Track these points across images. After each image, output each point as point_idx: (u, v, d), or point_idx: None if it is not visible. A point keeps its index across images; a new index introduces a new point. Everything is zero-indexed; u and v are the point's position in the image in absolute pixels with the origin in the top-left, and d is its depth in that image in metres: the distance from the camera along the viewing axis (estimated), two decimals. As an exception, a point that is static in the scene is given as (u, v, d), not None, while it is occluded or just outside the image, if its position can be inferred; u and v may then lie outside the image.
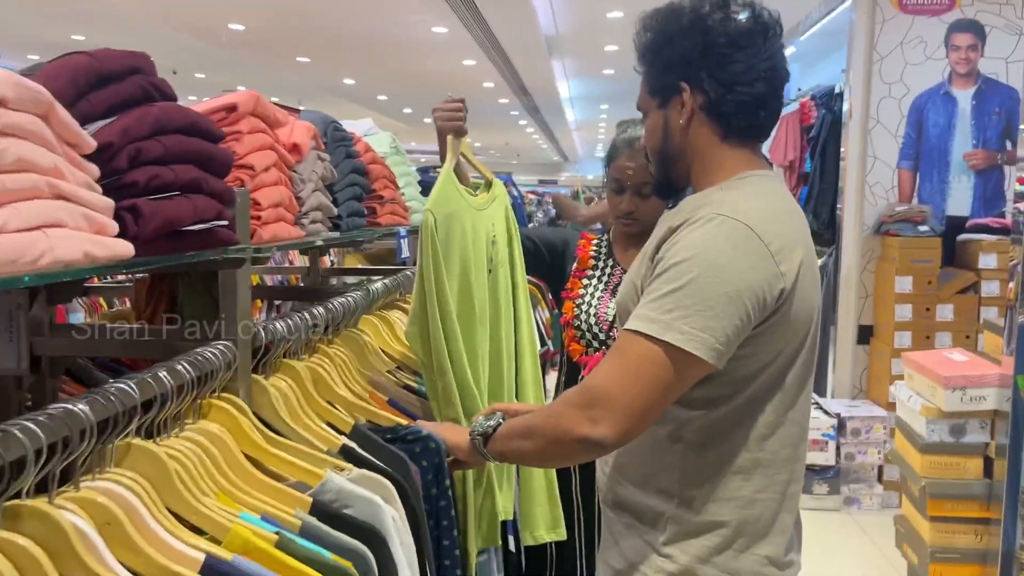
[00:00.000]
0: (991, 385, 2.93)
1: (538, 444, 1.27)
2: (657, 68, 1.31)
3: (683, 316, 1.13)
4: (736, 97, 1.25)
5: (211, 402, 1.15)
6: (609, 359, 1.19)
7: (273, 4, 5.73)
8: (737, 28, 1.25)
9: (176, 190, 1.00)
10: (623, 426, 1.14)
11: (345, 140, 1.92)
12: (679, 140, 1.31)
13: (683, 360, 1.14)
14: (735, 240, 1.16)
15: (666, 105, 1.31)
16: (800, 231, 1.25)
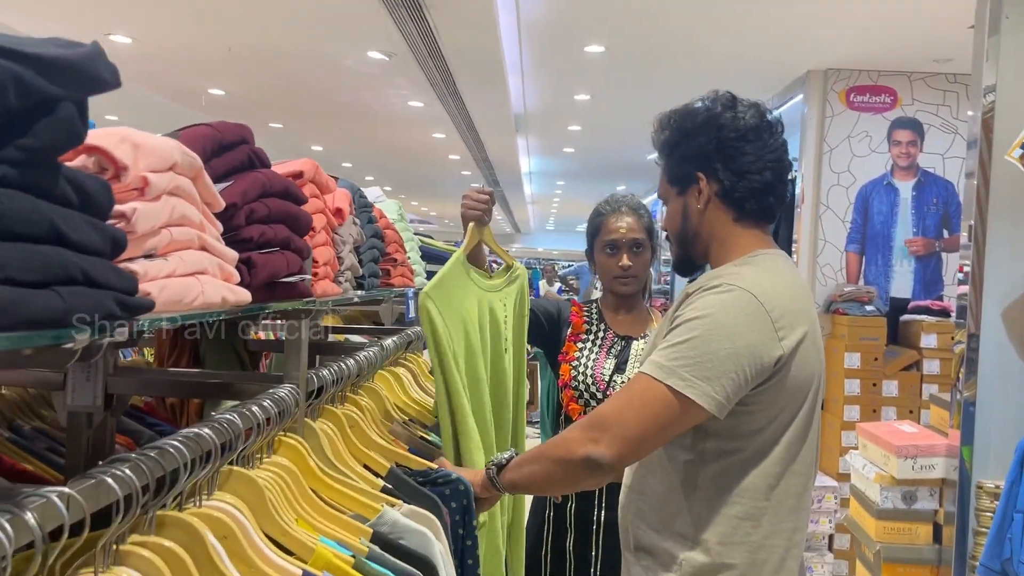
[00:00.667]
0: (939, 455, 3.14)
1: (545, 466, 1.43)
2: (676, 160, 1.51)
3: (686, 365, 1.30)
4: (747, 184, 1.44)
5: (281, 439, 1.26)
6: (618, 394, 1.38)
7: (258, 72, 5.91)
8: (746, 125, 1.45)
9: (276, 246, 1.13)
10: (619, 448, 1.31)
11: (367, 207, 2.07)
12: (697, 223, 1.50)
13: (682, 403, 1.30)
14: (741, 306, 1.34)
15: (685, 192, 1.51)
16: (804, 304, 1.43)
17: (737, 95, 1.50)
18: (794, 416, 1.40)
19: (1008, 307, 2.70)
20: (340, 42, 5.03)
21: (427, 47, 4.79)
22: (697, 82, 5.91)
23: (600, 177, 11.92)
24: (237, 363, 1.99)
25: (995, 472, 2.71)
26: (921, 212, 5.12)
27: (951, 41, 4.44)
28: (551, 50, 5.16)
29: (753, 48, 4.92)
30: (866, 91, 5.12)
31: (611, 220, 2.17)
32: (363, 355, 1.78)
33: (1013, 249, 2.67)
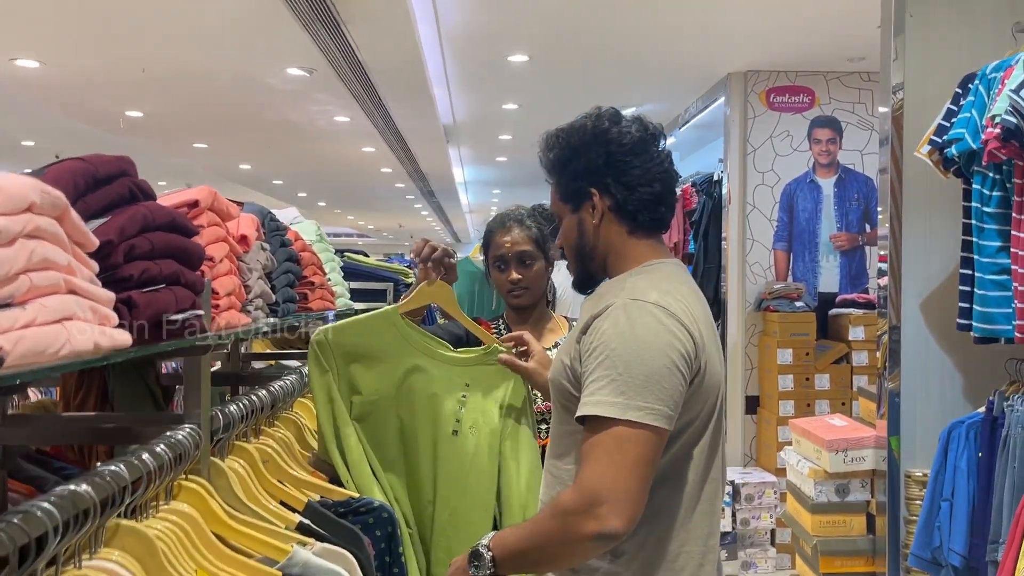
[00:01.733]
0: (869, 447, 3.21)
1: (550, 558, 1.34)
2: (567, 178, 1.51)
3: (636, 395, 1.28)
4: (639, 197, 1.46)
5: (181, 483, 1.20)
6: (591, 457, 1.28)
7: (177, 93, 5.76)
8: (632, 138, 1.46)
9: (161, 282, 1.08)
10: (630, 512, 1.25)
11: (280, 230, 2.02)
12: (593, 238, 1.51)
13: (649, 433, 1.28)
14: (654, 317, 1.34)
15: (579, 209, 1.51)
16: (701, 309, 1.44)
17: (620, 110, 1.51)
18: (708, 422, 1.41)
19: (925, 298, 2.77)
20: (258, 60, 4.94)
21: (347, 62, 4.73)
22: (622, 88, 6.01)
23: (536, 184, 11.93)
24: (149, 398, 1.91)
25: (923, 461, 2.77)
26: (843, 208, 5.24)
27: (863, 40, 4.56)
28: (475, 61, 5.15)
29: (674, 53, 4.98)
30: (785, 91, 5.23)
31: (497, 236, 2.20)
32: (278, 385, 1.73)
33: (927, 242, 2.74)
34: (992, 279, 2.34)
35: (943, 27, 2.72)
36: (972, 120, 2.34)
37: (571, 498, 1.28)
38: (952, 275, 2.69)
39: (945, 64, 2.69)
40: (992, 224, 2.34)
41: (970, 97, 2.39)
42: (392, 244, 31.37)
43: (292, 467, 1.57)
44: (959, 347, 2.72)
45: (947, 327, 2.69)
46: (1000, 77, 2.30)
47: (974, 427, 2.48)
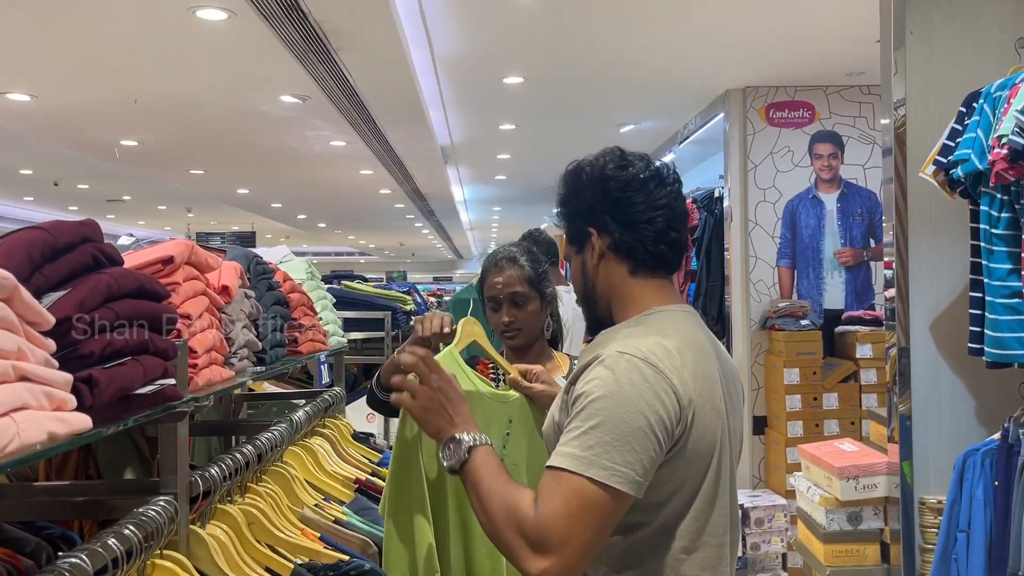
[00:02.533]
0: (881, 473, 3.12)
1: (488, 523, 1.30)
2: (568, 219, 1.48)
3: (604, 452, 1.22)
4: (637, 235, 1.41)
5: (155, 562, 1.13)
6: (552, 498, 1.23)
7: (171, 121, 5.73)
8: (629, 176, 1.42)
9: (127, 355, 1.01)
10: (569, 563, 1.21)
11: (267, 273, 1.96)
12: (594, 279, 1.46)
13: (611, 495, 1.21)
14: (640, 377, 1.26)
15: (582, 251, 1.47)
16: (703, 367, 1.35)
17: (626, 149, 1.47)
18: (698, 486, 1.33)
19: (935, 319, 2.70)
20: (251, 89, 4.90)
21: (341, 89, 4.69)
22: (619, 106, 5.97)
23: (536, 201, 11.92)
24: (135, 453, 1.84)
25: (936, 487, 2.70)
26: (847, 223, 5.17)
27: (861, 55, 4.51)
28: (470, 83, 5.11)
29: (670, 71, 4.93)
30: (784, 107, 5.17)
31: (490, 277, 2.14)
32: (266, 437, 1.66)
33: (935, 261, 2.67)
34: (1003, 303, 2.28)
35: (944, 42, 2.67)
36: (978, 140, 2.28)
37: (529, 524, 1.23)
38: (962, 295, 2.63)
39: (947, 79, 2.64)
40: (1002, 246, 2.27)
41: (975, 116, 2.33)
42: (394, 262, 31.39)
43: (279, 528, 1.50)
44: (971, 369, 2.65)
45: (958, 349, 2.62)
46: (1006, 96, 2.24)
47: (990, 455, 2.41)
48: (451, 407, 1.40)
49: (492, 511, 1.27)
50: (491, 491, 1.29)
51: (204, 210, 12.76)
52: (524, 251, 2.15)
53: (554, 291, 2.17)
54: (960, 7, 2.66)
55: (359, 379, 4.17)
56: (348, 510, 1.82)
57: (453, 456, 1.34)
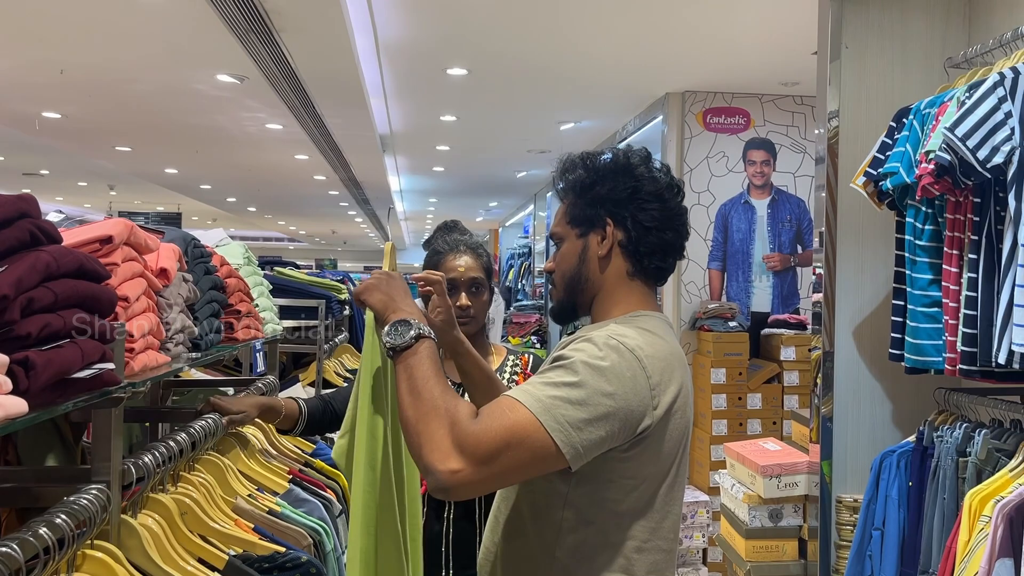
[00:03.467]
0: (802, 472, 3.23)
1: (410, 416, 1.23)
2: (586, 201, 1.45)
3: (565, 409, 1.21)
4: (652, 240, 1.41)
5: (85, 552, 1.09)
6: (495, 416, 1.21)
7: (98, 95, 5.50)
8: (659, 181, 1.43)
9: (65, 337, 0.98)
10: (476, 479, 1.17)
11: (204, 257, 1.91)
12: (593, 269, 1.44)
13: (547, 448, 1.20)
14: (625, 365, 1.27)
15: (586, 235, 1.45)
16: (680, 372, 1.37)
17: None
18: (657, 488, 1.35)
19: (858, 325, 2.80)
20: (186, 65, 4.75)
21: (281, 70, 4.58)
22: (561, 104, 6.00)
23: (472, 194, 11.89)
24: (57, 439, 1.77)
25: (853, 486, 2.80)
26: (776, 229, 5.32)
27: (797, 66, 4.64)
28: (413, 73, 5.06)
29: (613, 70, 4.99)
30: (721, 112, 5.29)
31: (449, 259, 2.11)
32: (199, 425, 1.62)
33: (860, 269, 2.77)
34: (923, 311, 2.38)
35: (877, 58, 2.77)
36: (906, 154, 2.37)
37: (462, 427, 1.19)
38: (884, 303, 2.73)
39: (878, 94, 2.74)
40: (924, 257, 2.37)
41: (904, 132, 2.42)
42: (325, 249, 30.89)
43: (213, 518, 1.47)
44: (890, 374, 2.76)
45: (878, 354, 2.73)
46: (934, 113, 2.33)
47: (905, 456, 2.51)
48: (405, 298, 1.39)
49: (425, 398, 1.22)
50: (428, 380, 1.25)
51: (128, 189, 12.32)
52: (479, 243, 2.15)
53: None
54: (892, 26, 2.77)
55: (289, 368, 4.10)
56: (282, 501, 1.79)
57: (400, 336, 1.29)
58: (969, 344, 2.12)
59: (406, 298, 1.39)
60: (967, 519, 2.10)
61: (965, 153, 2.03)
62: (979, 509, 2.08)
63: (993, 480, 2.10)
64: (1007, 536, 1.90)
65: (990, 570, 1.95)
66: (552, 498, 1.33)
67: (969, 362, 2.13)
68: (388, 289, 1.39)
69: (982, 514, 2.06)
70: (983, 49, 2.40)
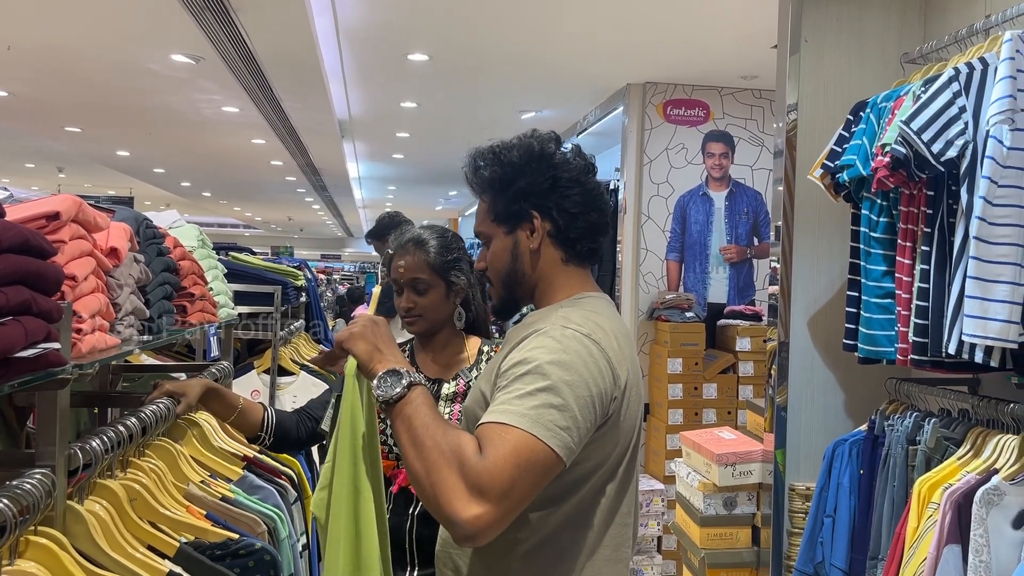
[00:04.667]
0: (756, 460, 3.27)
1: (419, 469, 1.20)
2: (508, 197, 1.43)
3: (548, 414, 1.20)
4: (580, 224, 1.41)
5: (28, 539, 1.05)
6: (497, 445, 1.18)
7: (47, 73, 5.32)
8: (576, 165, 1.42)
9: (7, 315, 0.94)
10: (501, 515, 1.15)
11: (157, 238, 1.86)
12: (527, 262, 1.43)
13: (546, 455, 1.19)
14: (585, 350, 1.27)
15: (514, 231, 1.43)
16: (628, 350, 1.39)
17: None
18: (618, 465, 1.36)
19: (812, 316, 2.83)
20: (139, 44, 4.62)
21: (237, 51, 4.49)
22: (521, 93, 5.98)
23: (432, 182, 11.82)
24: (1, 425, 1.71)
25: (806, 475, 2.84)
26: (733, 221, 5.38)
27: (757, 59, 4.68)
28: (374, 57, 5.00)
29: (575, 60, 4.98)
30: (681, 104, 5.32)
31: (395, 258, 2.06)
32: (150, 410, 1.58)
33: (816, 260, 2.80)
34: (877, 302, 2.41)
35: (834, 53, 2.80)
36: (863, 147, 2.40)
37: (472, 467, 1.16)
38: (838, 295, 2.77)
39: (836, 87, 2.77)
40: (878, 249, 2.41)
41: (861, 124, 2.45)
42: (281, 236, 30.48)
43: (164, 505, 1.43)
44: (842, 364, 2.80)
45: (832, 344, 2.77)
46: (891, 107, 2.36)
47: (856, 445, 2.55)
48: (390, 346, 1.36)
49: (429, 447, 1.19)
50: (428, 427, 1.22)
51: (77, 171, 12.00)
52: (437, 235, 2.06)
53: (467, 279, 2.08)
54: (850, 21, 2.80)
55: (243, 354, 4.03)
56: (236, 488, 1.76)
57: (392, 387, 1.26)
58: (921, 335, 2.15)
59: (391, 346, 1.36)
60: (916, 506, 2.14)
61: (920, 146, 2.06)
62: (928, 496, 2.12)
63: (942, 468, 2.15)
64: (955, 523, 1.95)
65: (938, 556, 2.00)
66: None
67: (920, 352, 2.16)
68: (373, 338, 1.35)
69: (931, 501, 2.10)
70: (939, 45, 2.44)
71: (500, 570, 1.34)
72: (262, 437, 2.01)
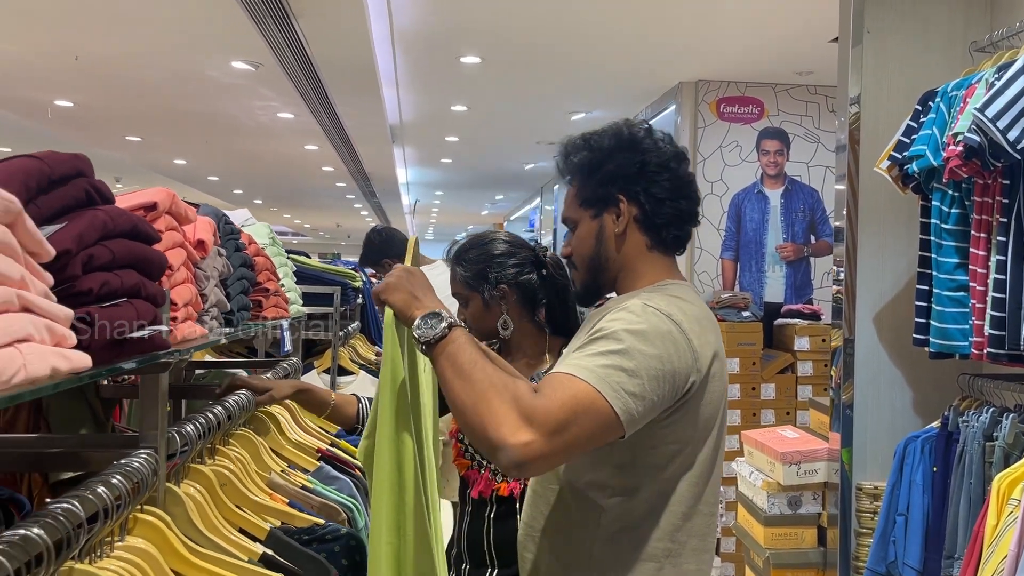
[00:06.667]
0: (821, 459, 3.22)
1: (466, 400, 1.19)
2: (595, 181, 1.43)
3: (617, 376, 1.20)
4: (667, 211, 1.40)
5: (137, 516, 1.09)
6: (556, 388, 1.19)
7: (112, 83, 5.49)
8: (665, 152, 1.42)
9: (122, 296, 0.97)
10: (549, 450, 1.14)
11: (234, 234, 1.90)
12: (612, 247, 1.43)
13: (606, 414, 1.18)
14: (664, 327, 1.27)
15: (600, 216, 1.43)
16: (713, 336, 1.37)
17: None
18: (698, 453, 1.34)
19: (878, 312, 2.79)
20: (201, 52, 4.74)
21: (296, 57, 4.58)
22: (572, 93, 5.99)
23: (479, 187, 11.89)
24: (89, 414, 1.77)
25: (873, 474, 2.79)
26: (789, 219, 5.31)
27: (812, 55, 4.62)
28: (427, 60, 5.05)
29: (627, 60, 4.97)
30: (735, 102, 5.27)
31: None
32: (233, 400, 1.62)
33: (880, 255, 2.76)
34: (949, 295, 2.36)
35: (898, 42, 2.75)
36: (933, 137, 2.35)
37: (526, 400, 1.16)
38: (904, 290, 2.72)
39: (899, 78, 2.72)
40: (950, 241, 2.36)
41: (931, 114, 2.41)
42: (328, 243, 30.85)
43: (251, 490, 1.46)
44: (910, 361, 2.75)
45: (898, 341, 2.72)
46: (962, 95, 2.32)
47: (929, 441, 2.50)
48: (427, 293, 1.33)
49: (479, 379, 1.18)
50: (476, 363, 1.20)
51: (135, 180, 12.30)
52: (465, 247, 2.02)
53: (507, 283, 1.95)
54: (913, 11, 2.75)
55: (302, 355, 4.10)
56: (313, 479, 1.79)
57: (433, 328, 1.24)
58: (997, 327, 2.10)
59: (428, 293, 1.34)
60: (995, 503, 2.09)
61: (995, 134, 2.02)
62: (1008, 493, 2.07)
63: (1021, 464, 2.09)
64: (1039, 517, 1.89)
65: (1019, 553, 1.95)
66: (596, 469, 1.33)
67: (997, 346, 2.11)
68: (410, 287, 1.33)
69: (1011, 497, 2.05)
70: (1009, 32, 2.39)
71: (583, 556, 1.34)
72: (359, 428, 2.03)
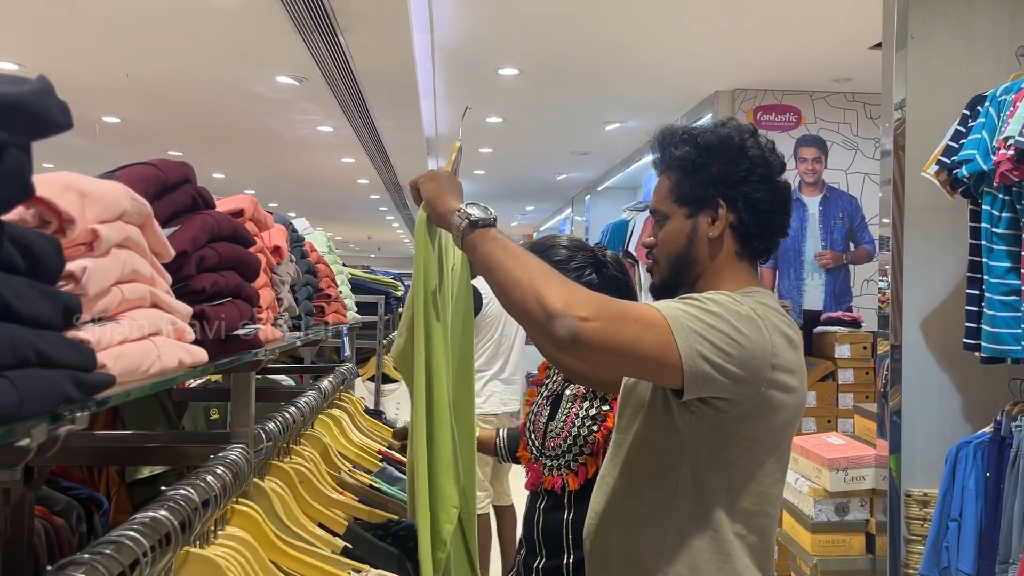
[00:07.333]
0: (869, 465, 3.21)
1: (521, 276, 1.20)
2: (696, 180, 1.42)
3: (696, 329, 1.22)
4: (763, 222, 1.40)
5: (234, 507, 1.14)
6: (629, 303, 1.24)
7: (158, 99, 5.63)
8: (772, 163, 1.41)
9: (227, 295, 1.02)
10: (596, 332, 1.16)
11: (299, 241, 1.96)
12: (703, 250, 1.43)
13: (668, 349, 1.20)
14: (747, 316, 1.28)
15: (695, 215, 1.43)
16: (793, 343, 1.35)
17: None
18: (768, 455, 1.36)
19: (925, 318, 2.78)
20: (248, 67, 4.85)
21: (339, 71, 4.66)
22: (607, 103, 6.01)
23: (510, 198, 11.94)
24: (162, 416, 1.83)
25: (923, 480, 2.77)
26: (828, 226, 5.29)
27: (849, 61, 4.62)
28: (465, 72, 5.12)
29: (663, 69, 5.00)
30: (772, 110, 5.28)
31: None
32: (304, 401, 1.67)
33: (927, 261, 2.75)
34: (1001, 300, 2.36)
35: (944, 47, 2.76)
36: (983, 141, 2.36)
37: (587, 292, 1.20)
38: (951, 295, 2.71)
39: (944, 85, 2.73)
40: (1002, 245, 2.36)
41: (980, 119, 2.41)
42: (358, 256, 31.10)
43: (325, 487, 1.51)
44: (958, 367, 2.74)
45: (947, 347, 2.71)
46: (1012, 99, 2.32)
47: (981, 447, 2.49)
48: (459, 196, 1.37)
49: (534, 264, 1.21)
50: (529, 253, 1.23)
51: (172, 194, 12.55)
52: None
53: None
54: (960, 14, 2.75)
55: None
56: (377, 479, 1.83)
57: (485, 211, 1.29)
58: (1052, 330, 2.10)
59: (460, 197, 1.37)
60: (1053, 506, 2.08)
61: (1049, 138, 2.03)
62: (1065, 496, 2.06)
63: (1079, 467, 2.09)
64: (1100, 520, 1.89)
65: (1078, 556, 1.94)
66: (668, 460, 1.35)
67: (1053, 349, 2.11)
68: (447, 185, 1.37)
69: (1068, 501, 2.04)
70: (1059, 37, 2.39)
71: (654, 547, 1.37)
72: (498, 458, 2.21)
